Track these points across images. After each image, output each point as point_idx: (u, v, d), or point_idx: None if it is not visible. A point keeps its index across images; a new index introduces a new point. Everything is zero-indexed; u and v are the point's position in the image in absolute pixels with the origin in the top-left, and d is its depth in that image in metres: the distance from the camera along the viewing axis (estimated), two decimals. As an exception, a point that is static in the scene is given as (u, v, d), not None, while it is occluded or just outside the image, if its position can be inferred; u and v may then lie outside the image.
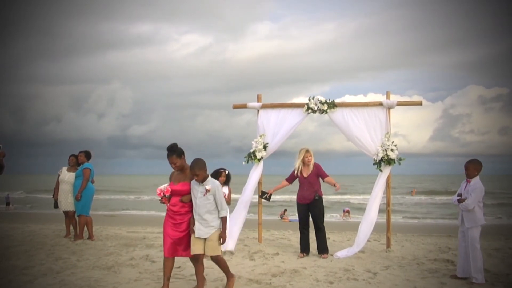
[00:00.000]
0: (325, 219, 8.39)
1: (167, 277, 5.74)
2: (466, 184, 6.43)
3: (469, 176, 6.39)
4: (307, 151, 8.32)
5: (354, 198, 39.37)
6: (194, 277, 6.46)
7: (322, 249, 8.20)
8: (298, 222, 8.59)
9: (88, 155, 9.91)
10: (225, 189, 7.84)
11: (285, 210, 22.03)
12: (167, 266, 5.77)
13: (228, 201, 7.82)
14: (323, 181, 8.35)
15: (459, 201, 6.37)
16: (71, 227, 10.16)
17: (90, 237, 9.89)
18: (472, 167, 6.38)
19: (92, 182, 9.99)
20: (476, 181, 6.35)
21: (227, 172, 7.94)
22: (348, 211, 23.42)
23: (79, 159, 9.90)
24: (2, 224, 13.13)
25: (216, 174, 7.88)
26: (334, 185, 8.27)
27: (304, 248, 8.29)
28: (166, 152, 5.71)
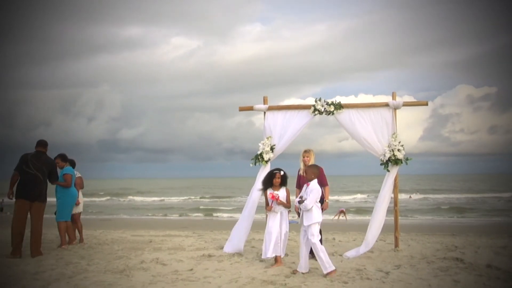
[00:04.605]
0: (327, 221, 8.33)
1: None
2: (307, 187, 7.03)
3: (308, 179, 7.07)
4: (305, 151, 8.30)
5: (347, 198, 39.59)
6: (208, 279, 6.50)
7: None
8: (297, 224, 8.56)
9: (64, 158, 9.50)
10: (282, 191, 7.45)
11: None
12: None
13: (287, 204, 7.42)
14: None
15: (300, 202, 6.94)
16: (77, 232, 10.07)
17: (81, 240, 9.91)
18: (310, 172, 7.10)
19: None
20: (313, 183, 7.00)
21: (282, 172, 7.51)
22: (343, 211, 23.46)
23: (58, 165, 9.26)
24: (3, 230, 13.00)
25: (270, 176, 7.56)
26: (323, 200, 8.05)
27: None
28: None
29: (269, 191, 7.46)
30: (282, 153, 9.13)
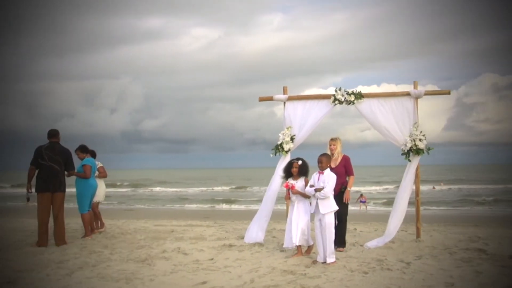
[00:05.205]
0: (349, 210, 8.28)
1: None
2: (319, 176, 7.02)
3: (323, 168, 7.06)
4: (331, 139, 8.19)
5: (370, 189, 39.35)
6: (229, 269, 6.56)
7: (340, 242, 7.92)
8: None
9: (84, 150, 9.49)
10: (300, 181, 7.30)
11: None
12: None
13: (304, 194, 7.20)
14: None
15: (316, 190, 6.91)
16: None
17: (101, 226, 10.09)
18: (326, 160, 7.12)
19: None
20: (328, 171, 7.05)
21: (300, 162, 7.39)
22: (364, 199, 23.39)
23: (78, 156, 9.40)
24: (28, 220, 13.28)
25: (289, 166, 7.51)
26: (345, 188, 8.00)
27: (338, 242, 7.83)
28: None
29: (288, 181, 7.44)
30: (304, 143, 9.10)
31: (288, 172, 7.51)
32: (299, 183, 7.31)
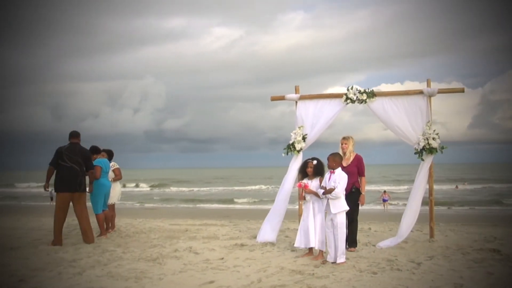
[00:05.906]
0: (365, 210, 8.22)
1: None
2: (331, 175, 7.01)
3: (331, 167, 7.04)
4: (343, 138, 8.15)
5: (393, 188, 38.93)
6: (238, 268, 6.57)
7: (351, 241, 7.88)
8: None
9: (94, 151, 9.63)
10: (315, 181, 7.26)
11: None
12: None
13: (318, 194, 7.14)
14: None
15: (325, 192, 6.92)
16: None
17: (112, 227, 10.14)
18: (332, 159, 7.06)
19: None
20: (339, 171, 7.02)
21: (315, 162, 7.33)
22: (387, 197, 23.12)
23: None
24: (47, 219, 13.51)
25: (304, 165, 7.46)
26: (356, 188, 7.93)
27: (350, 242, 7.83)
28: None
29: (303, 181, 7.41)
30: (325, 142, 9.09)
31: (304, 172, 7.48)
32: (313, 183, 7.27)
